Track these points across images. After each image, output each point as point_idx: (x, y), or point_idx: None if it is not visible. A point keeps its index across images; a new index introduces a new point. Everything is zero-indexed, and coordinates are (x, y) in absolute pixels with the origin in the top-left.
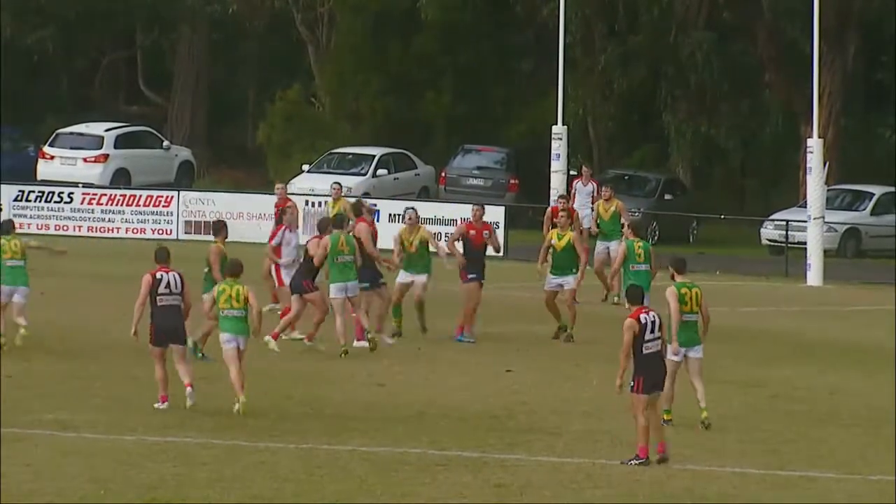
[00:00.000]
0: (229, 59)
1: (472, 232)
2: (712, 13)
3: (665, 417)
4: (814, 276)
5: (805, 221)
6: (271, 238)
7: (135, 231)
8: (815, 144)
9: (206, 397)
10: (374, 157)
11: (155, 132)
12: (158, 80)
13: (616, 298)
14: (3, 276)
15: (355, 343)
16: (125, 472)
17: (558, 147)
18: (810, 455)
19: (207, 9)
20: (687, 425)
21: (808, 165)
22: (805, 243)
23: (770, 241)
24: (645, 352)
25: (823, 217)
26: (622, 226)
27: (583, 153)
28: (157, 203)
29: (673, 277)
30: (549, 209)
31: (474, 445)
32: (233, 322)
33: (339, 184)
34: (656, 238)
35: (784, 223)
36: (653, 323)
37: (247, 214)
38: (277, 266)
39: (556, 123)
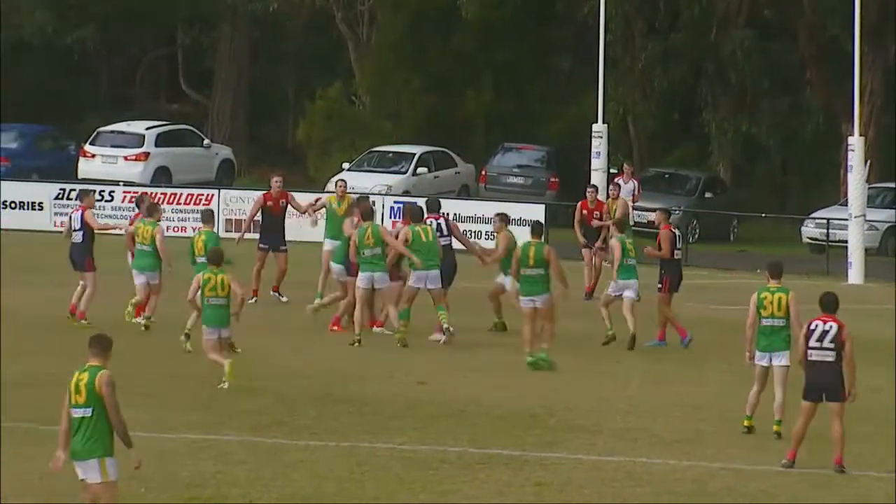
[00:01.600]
0: (270, 58)
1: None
2: (753, 11)
3: (776, 429)
4: (855, 275)
5: (846, 220)
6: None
7: (175, 229)
8: (856, 142)
9: (245, 396)
10: (414, 155)
11: (196, 130)
12: (199, 78)
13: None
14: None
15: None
16: (166, 469)
17: (599, 145)
18: (850, 453)
19: (248, 6)
20: (729, 424)
21: (849, 163)
22: (846, 241)
23: (811, 239)
24: (808, 358)
25: (864, 215)
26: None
27: (623, 151)
28: (197, 201)
29: (768, 281)
30: (579, 203)
31: (514, 444)
32: (216, 311)
33: (343, 181)
34: (696, 236)
35: (825, 221)
36: (824, 332)
37: (287, 213)
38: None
39: (597, 121)
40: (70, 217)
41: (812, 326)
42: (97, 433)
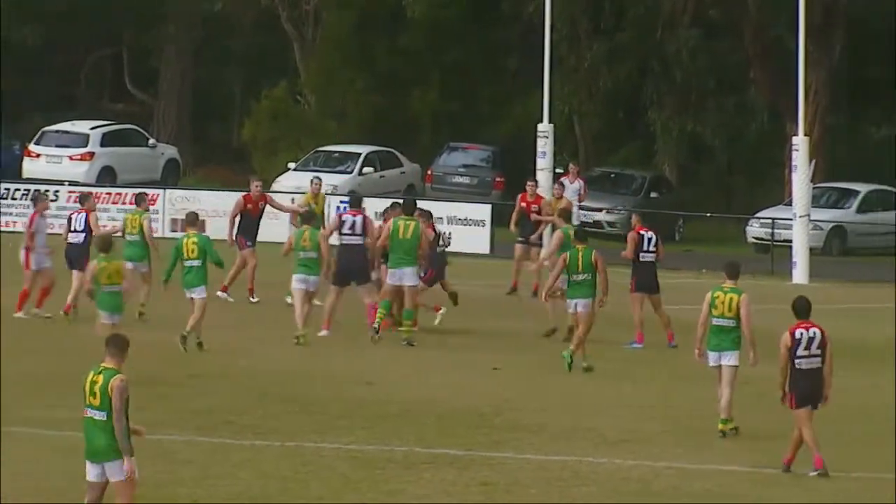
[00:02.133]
0: (215, 57)
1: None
2: (698, 10)
3: (721, 428)
4: (799, 274)
5: (791, 219)
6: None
7: (110, 228)
8: (800, 142)
9: (191, 396)
10: (359, 155)
11: (141, 130)
12: (144, 77)
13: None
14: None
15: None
16: None
17: (544, 145)
18: (799, 454)
19: (194, 7)
20: (674, 423)
21: (793, 163)
22: (791, 241)
23: (756, 239)
24: (797, 367)
25: (809, 215)
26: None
27: (569, 151)
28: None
29: (725, 281)
30: (518, 196)
31: (461, 443)
32: (111, 297)
33: (319, 178)
34: None
35: (770, 221)
36: (810, 339)
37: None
38: None
39: (542, 121)
40: (70, 218)
41: (797, 335)
42: (111, 433)
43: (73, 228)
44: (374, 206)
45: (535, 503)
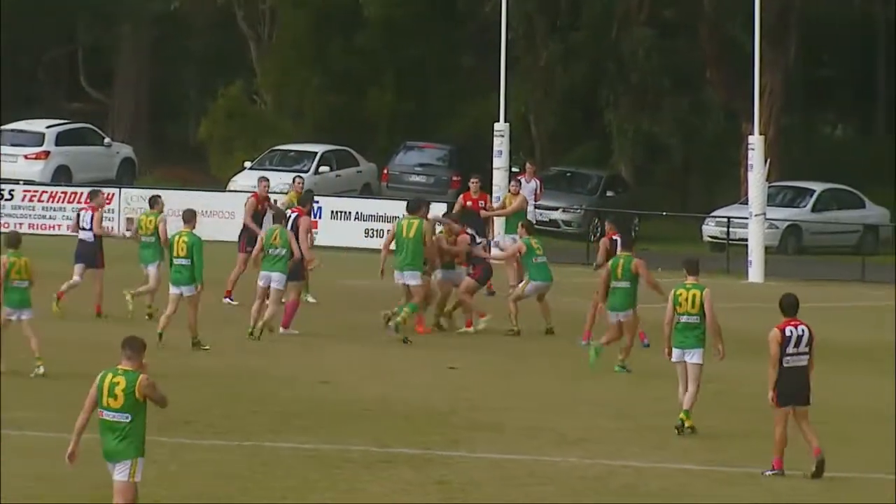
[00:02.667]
0: (171, 56)
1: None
2: (654, 10)
3: (681, 418)
4: (755, 273)
5: (746, 218)
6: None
7: (76, 228)
8: (756, 141)
9: None
10: (316, 154)
11: (96, 129)
12: (100, 76)
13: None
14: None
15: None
16: (69, 470)
17: (500, 144)
18: (753, 451)
19: (149, 5)
20: (631, 421)
21: (749, 162)
22: (746, 240)
23: (711, 237)
24: (784, 364)
25: (765, 214)
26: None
27: (525, 150)
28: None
29: (686, 278)
30: (460, 196)
31: (418, 442)
32: (19, 293)
33: (301, 177)
34: (598, 235)
35: (725, 220)
36: (799, 337)
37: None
38: None
39: (499, 120)
40: (79, 215)
41: (787, 333)
42: (133, 435)
43: (81, 226)
44: (330, 206)
45: (491, 502)
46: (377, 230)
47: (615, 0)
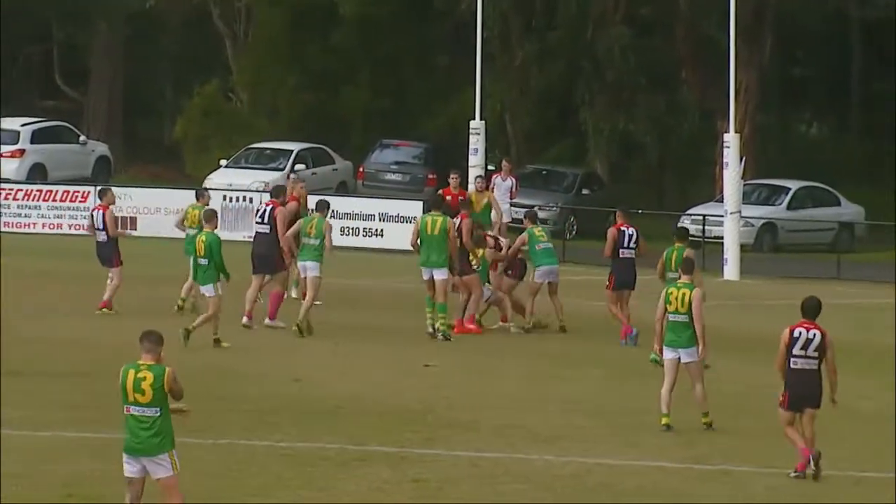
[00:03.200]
0: (147, 54)
1: None
2: (629, 9)
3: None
4: (731, 271)
5: (722, 216)
6: None
7: (51, 226)
8: (731, 140)
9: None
10: (291, 152)
11: (72, 127)
12: (75, 74)
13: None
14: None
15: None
16: (41, 468)
17: (476, 142)
18: (727, 448)
19: (125, 3)
20: (605, 419)
21: (724, 160)
22: (722, 238)
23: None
24: (792, 366)
25: (740, 212)
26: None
27: (500, 148)
28: (73, 198)
29: (680, 277)
30: (440, 191)
31: (393, 440)
32: None
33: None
34: (574, 232)
35: (701, 218)
36: (808, 340)
37: (164, 209)
38: None
39: (474, 118)
40: (92, 215)
41: (796, 334)
42: (164, 428)
43: (96, 226)
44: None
45: (467, 501)
46: (353, 228)
47: None
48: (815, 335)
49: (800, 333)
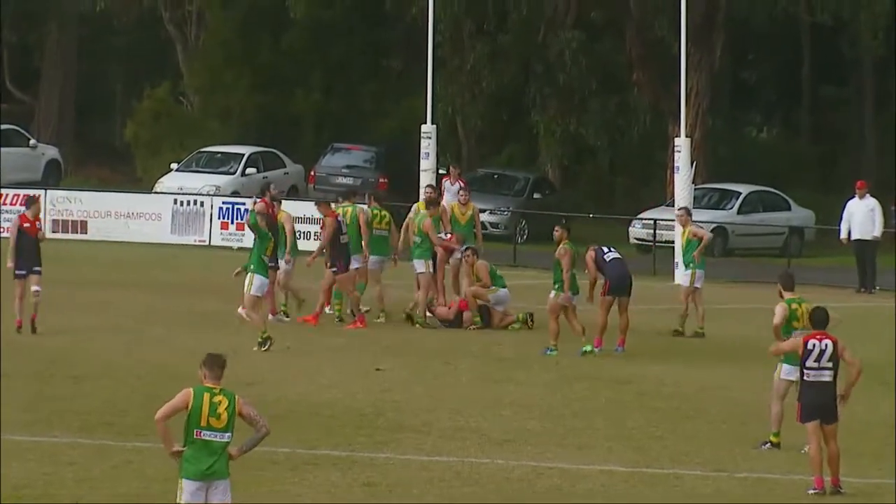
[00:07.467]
0: (97, 57)
1: None
2: (581, 12)
3: (772, 440)
4: (681, 275)
5: (673, 220)
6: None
7: (2, 230)
8: (682, 143)
9: (73, 397)
10: (242, 155)
11: (21, 130)
12: (25, 77)
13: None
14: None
15: None
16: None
17: (427, 146)
18: (677, 452)
19: (75, 5)
20: (556, 423)
21: (675, 164)
22: (673, 242)
23: (638, 239)
24: (805, 378)
25: (691, 215)
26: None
27: (452, 152)
28: (23, 202)
29: (781, 295)
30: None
31: (343, 444)
32: None
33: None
34: (525, 237)
35: (652, 222)
36: (822, 351)
37: (115, 213)
38: None
39: (426, 122)
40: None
41: (809, 346)
42: (226, 455)
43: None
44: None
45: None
46: (304, 232)
47: (542, 2)
48: (827, 345)
49: (813, 345)
